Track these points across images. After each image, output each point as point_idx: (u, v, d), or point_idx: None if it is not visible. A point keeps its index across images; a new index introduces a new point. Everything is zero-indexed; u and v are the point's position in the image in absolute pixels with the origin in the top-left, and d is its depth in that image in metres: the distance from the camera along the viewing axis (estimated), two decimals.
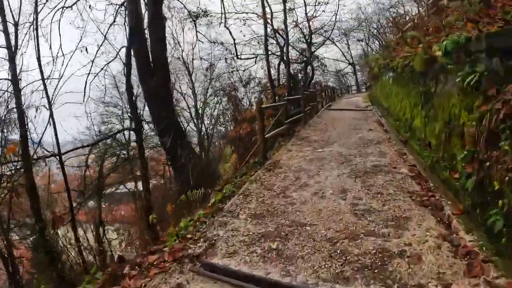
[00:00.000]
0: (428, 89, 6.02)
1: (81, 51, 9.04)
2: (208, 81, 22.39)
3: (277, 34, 15.20)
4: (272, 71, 16.76)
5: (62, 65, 9.81)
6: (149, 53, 10.70)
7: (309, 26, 16.41)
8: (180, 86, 24.26)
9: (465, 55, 4.41)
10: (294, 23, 15.41)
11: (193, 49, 19.69)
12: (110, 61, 10.69)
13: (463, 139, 4.37)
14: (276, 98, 11.85)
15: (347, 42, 35.91)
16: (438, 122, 5.23)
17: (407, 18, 23.21)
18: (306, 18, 15.67)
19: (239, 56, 12.97)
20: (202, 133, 23.17)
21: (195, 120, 25.99)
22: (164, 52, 10.86)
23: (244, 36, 15.86)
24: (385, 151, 5.75)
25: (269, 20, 14.34)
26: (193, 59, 21.06)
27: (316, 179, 4.45)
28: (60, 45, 9.36)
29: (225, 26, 12.05)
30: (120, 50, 10.10)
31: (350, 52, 38.12)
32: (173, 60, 20.32)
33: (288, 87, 13.05)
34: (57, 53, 7.99)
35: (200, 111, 25.32)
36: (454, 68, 4.58)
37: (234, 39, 11.98)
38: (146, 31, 10.89)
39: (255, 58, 13.89)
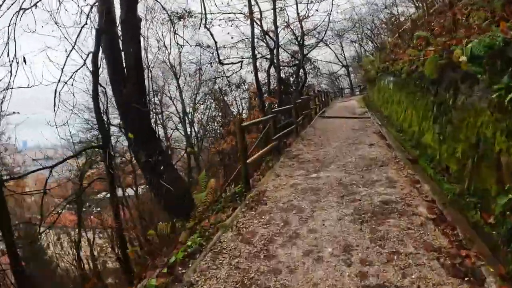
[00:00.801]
0: (442, 100, 5.04)
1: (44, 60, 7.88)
2: (197, 85, 21.36)
3: (266, 36, 14.23)
4: (263, 76, 15.82)
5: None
6: (123, 58, 9.61)
7: (301, 27, 15.50)
8: (169, 91, 23.22)
9: (503, 62, 3.40)
10: (285, 24, 14.44)
11: (180, 52, 18.63)
12: (78, 69, 9.51)
13: (499, 171, 3.36)
14: (266, 105, 10.85)
15: (340, 44, 35.24)
16: (459, 143, 4.24)
17: (402, 19, 22.48)
18: (298, 18, 14.73)
19: (221, 61, 11.88)
20: (191, 140, 22.05)
21: (183, 126, 24.90)
22: (138, 56, 9.75)
23: (232, 38, 14.87)
24: (394, 177, 4.74)
25: (257, 21, 13.37)
26: (180, 63, 20.03)
27: (310, 225, 3.42)
28: (15, 52, 8.14)
29: (205, 27, 11.01)
30: (88, 56, 8.96)
31: (344, 54, 37.46)
32: (159, 64, 19.35)
33: (279, 93, 12.04)
34: (11, 60, 6.76)
35: (190, 116, 24.22)
36: (486, 79, 3.57)
37: (215, 42, 10.97)
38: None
39: (240, 62, 12.86)
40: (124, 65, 9.72)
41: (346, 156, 6.12)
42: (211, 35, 11.09)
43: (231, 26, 13.45)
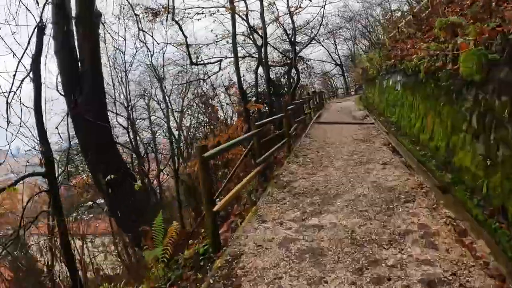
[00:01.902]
0: (488, 109, 3.58)
1: None
2: (184, 89, 19.76)
3: (254, 33, 12.73)
4: (252, 77, 14.31)
5: None
6: (78, 61, 8.02)
7: (293, 22, 14.01)
8: (156, 95, 21.60)
9: None
10: (274, 18, 12.94)
11: (163, 53, 17.07)
12: (25, 76, 7.86)
13: None
14: (254, 112, 9.34)
15: (334, 42, 33.99)
16: None
17: (399, 14, 21.14)
18: (289, 11, 13.23)
19: (194, 61, 10.25)
20: (176, 149, 20.45)
21: (168, 134, 23.27)
22: (95, 58, 8.16)
23: (216, 36, 13.34)
24: (429, 223, 3.28)
25: (243, 15, 11.85)
26: (163, 64, 18.42)
27: None
28: None
29: (173, 19, 9.42)
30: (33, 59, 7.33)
31: (338, 52, 36.21)
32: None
33: (269, 96, 10.53)
34: None
35: (179, 121, 22.61)
36: None
37: (185, 37, 9.32)
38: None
39: (219, 62, 11.25)
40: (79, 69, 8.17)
41: (355, 183, 4.61)
42: (180, 29, 9.52)
43: (214, 22, 11.91)
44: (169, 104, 24.24)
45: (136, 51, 18.11)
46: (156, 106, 22.70)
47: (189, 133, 19.97)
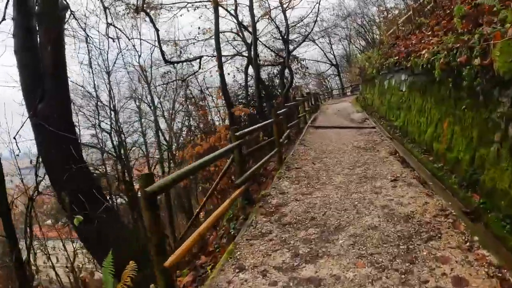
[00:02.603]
0: None
1: None
2: (174, 91, 18.79)
3: (243, 29, 11.81)
4: (243, 78, 13.36)
5: None
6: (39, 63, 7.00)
7: (285, 19, 13.09)
8: (146, 97, 20.62)
9: None
10: (265, 12, 12.00)
11: (151, 53, 16.03)
12: None
13: None
14: (242, 118, 8.39)
15: (329, 41, 33.24)
16: None
17: (396, 12, 20.35)
18: (281, 7, 12.32)
19: (168, 60, 9.21)
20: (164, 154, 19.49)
21: (156, 138, 22.29)
22: (59, 59, 7.14)
23: (204, 34, 12.37)
24: (468, 280, 2.35)
25: (231, 10, 10.92)
26: (151, 65, 17.41)
27: None
28: None
29: (143, 10, 8.44)
30: None
31: (333, 52, 35.47)
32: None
33: (258, 98, 9.59)
34: None
35: (168, 124, 21.68)
36: None
37: (156, 29, 8.23)
38: None
39: (198, 60, 10.20)
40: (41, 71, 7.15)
41: (361, 209, 3.68)
42: (151, 21, 8.50)
43: (200, 17, 10.93)
44: (160, 106, 23.26)
45: (120, 51, 17.15)
46: (148, 108, 21.77)
47: (181, 137, 19.02)
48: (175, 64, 11.65)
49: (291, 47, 15.40)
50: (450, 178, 4.43)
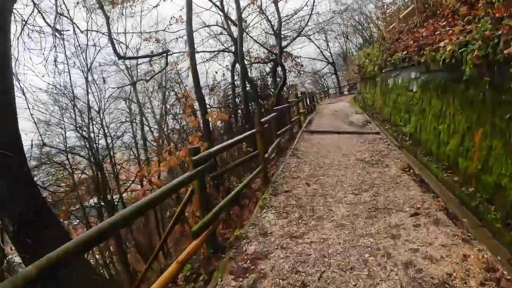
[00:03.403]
0: None
1: None
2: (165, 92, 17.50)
3: (229, 22, 10.60)
4: (235, 78, 12.12)
5: None
6: None
7: (278, 11, 11.88)
8: (138, 100, 19.33)
9: None
10: (253, 1, 10.77)
11: (137, 50, 14.67)
12: None
13: None
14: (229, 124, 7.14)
15: (325, 39, 32.13)
16: None
17: (396, 7, 19.25)
18: None
19: (120, 55, 7.88)
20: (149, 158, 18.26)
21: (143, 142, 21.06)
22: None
23: (176, 22, 11.06)
24: None
25: (217, 1, 9.70)
26: (137, 64, 16.10)
27: None
28: None
29: None
30: None
31: (329, 50, 34.37)
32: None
33: (244, 100, 8.38)
34: None
35: (160, 125, 20.45)
36: None
37: (107, 17, 6.85)
38: None
39: (164, 55, 8.81)
40: None
41: (373, 270, 2.51)
42: (101, 7, 7.14)
43: (181, 9, 9.72)
44: (151, 106, 21.91)
45: (101, 48, 15.84)
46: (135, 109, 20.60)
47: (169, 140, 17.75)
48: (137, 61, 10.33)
49: (284, 43, 14.24)
50: (489, 211, 3.29)
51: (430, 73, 5.42)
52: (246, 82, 9.06)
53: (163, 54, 8.06)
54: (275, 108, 6.45)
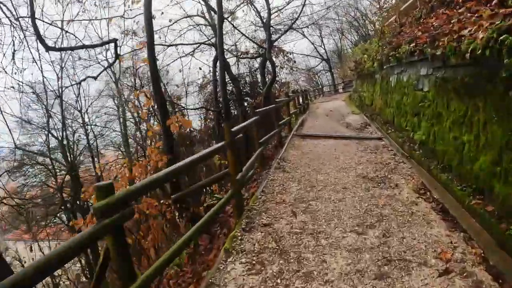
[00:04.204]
0: None
1: None
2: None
3: (212, 12, 9.46)
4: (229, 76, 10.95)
5: None
6: None
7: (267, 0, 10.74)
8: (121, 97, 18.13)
9: None
10: None
11: (124, 43, 13.34)
12: None
13: None
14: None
15: (320, 34, 31.10)
16: None
17: (393, 1, 18.33)
18: None
19: (49, 46, 6.51)
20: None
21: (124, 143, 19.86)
22: None
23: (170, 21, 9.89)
24: None
25: None
26: (117, 57, 14.79)
27: None
28: None
29: None
30: None
31: (324, 46, 33.36)
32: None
33: (224, 100, 7.26)
34: None
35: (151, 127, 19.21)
36: None
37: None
38: None
39: (104, 45, 7.34)
40: None
41: None
42: None
43: None
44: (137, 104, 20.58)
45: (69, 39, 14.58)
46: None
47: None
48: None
49: (275, 37, 13.13)
50: None
51: (449, 68, 4.39)
52: (229, 79, 7.96)
53: (108, 44, 6.72)
54: (257, 110, 5.36)
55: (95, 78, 6.83)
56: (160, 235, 4.24)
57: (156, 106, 5.42)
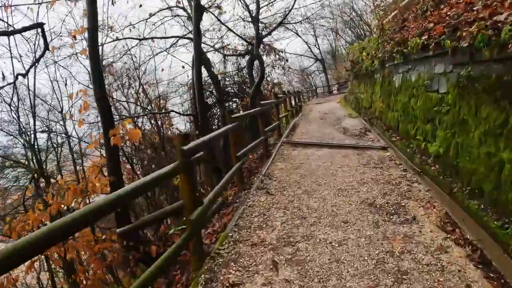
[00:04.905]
0: None
1: None
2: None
3: (192, 2, 8.45)
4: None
5: None
6: None
7: None
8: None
9: None
10: None
11: (103, 44, 12.18)
12: None
13: None
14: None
15: (314, 33, 30.32)
16: None
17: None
18: None
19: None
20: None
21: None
22: None
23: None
24: None
25: None
26: (102, 51, 13.64)
27: None
28: None
29: None
30: None
31: (318, 46, 32.59)
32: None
33: (199, 103, 6.26)
34: None
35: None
36: None
37: None
38: None
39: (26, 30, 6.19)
40: None
41: None
42: None
43: None
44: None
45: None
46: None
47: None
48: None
49: (265, 33, 12.14)
50: None
51: (478, 64, 3.43)
52: (209, 77, 6.94)
53: (30, 30, 5.29)
54: (233, 116, 4.32)
55: (24, 75, 5.74)
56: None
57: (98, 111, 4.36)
